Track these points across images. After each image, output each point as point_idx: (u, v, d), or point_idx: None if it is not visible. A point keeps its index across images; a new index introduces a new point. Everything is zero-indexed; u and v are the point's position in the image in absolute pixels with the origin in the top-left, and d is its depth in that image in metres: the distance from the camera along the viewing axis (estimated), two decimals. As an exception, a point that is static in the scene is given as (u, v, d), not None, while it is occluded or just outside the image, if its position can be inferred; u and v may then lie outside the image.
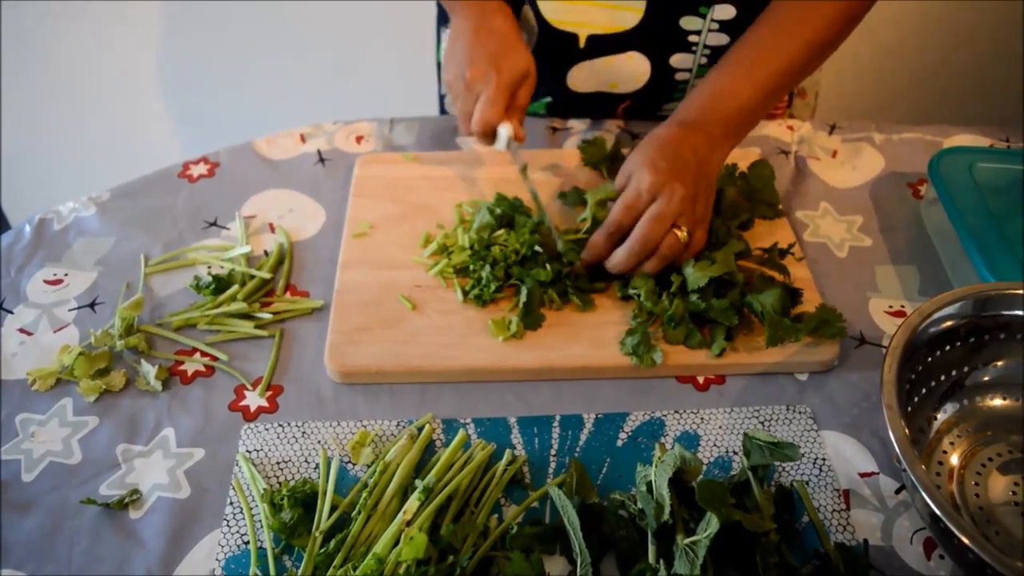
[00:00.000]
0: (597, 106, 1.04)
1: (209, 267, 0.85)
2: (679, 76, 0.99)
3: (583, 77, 1.01)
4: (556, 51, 0.98)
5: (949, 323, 0.70)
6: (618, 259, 0.78)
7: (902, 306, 0.84)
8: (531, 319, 0.78)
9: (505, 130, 0.81)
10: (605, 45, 0.96)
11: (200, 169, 0.97)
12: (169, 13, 1.73)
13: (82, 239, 0.88)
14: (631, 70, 0.98)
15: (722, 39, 0.94)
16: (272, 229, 0.90)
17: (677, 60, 0.97)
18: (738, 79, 0.82)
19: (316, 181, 0.96)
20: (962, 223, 0.83)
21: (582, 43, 0.96)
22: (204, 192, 0.94)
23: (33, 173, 1.97)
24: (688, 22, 0.93)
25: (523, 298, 0.77)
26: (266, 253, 0.87)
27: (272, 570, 0.62)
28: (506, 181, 0.93)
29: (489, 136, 0.82)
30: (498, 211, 0.85)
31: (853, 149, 1.03)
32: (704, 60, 0.97)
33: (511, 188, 0.91)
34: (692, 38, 0.95)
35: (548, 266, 0.79)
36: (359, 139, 1.01)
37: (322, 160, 0.99)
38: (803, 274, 0.84)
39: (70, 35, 1.73)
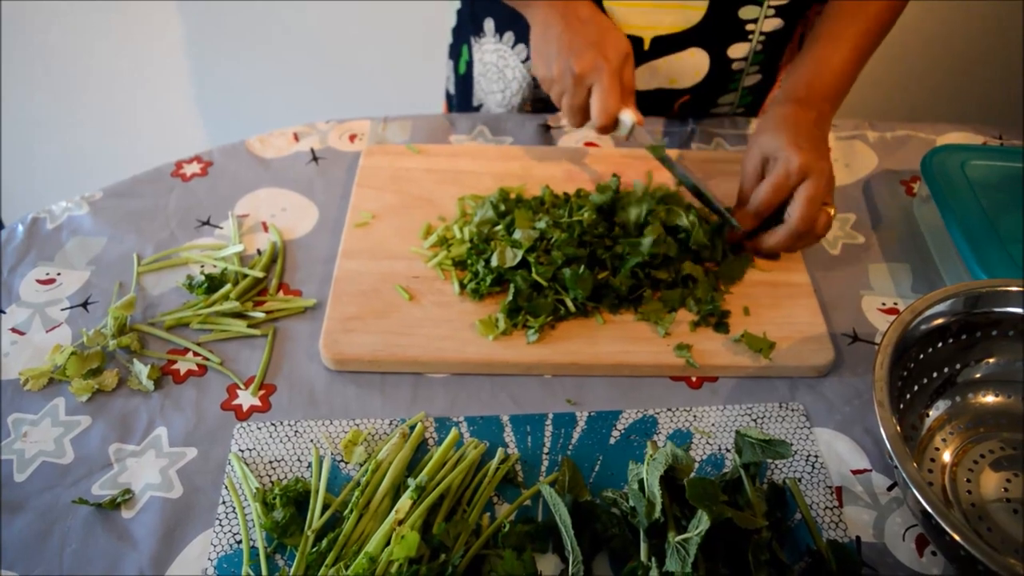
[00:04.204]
0: (656, 104, 1.05)
1: (202, 266, 0.85)
2: (735, 66, 1.00)
3: (644, 77, 1.01)
4: None
5: (941, 320, 0.70)
6: (777, 240, 0.81)
7: (895, 303, 0.84)
8: (520, 317, 0.77)
9: (628, 117, 0.83)
10: (669, 45, 0.97)
11: (193, 168, 0.96)
12: (163, 13, 1.73)
13: (75, 238, 0.88)
14: (692, 66, 0.99)
15: (776, 23, 0.96)
16: (265, 228, 0.89)
17: (734, 50, 0.98)
18: (831, 48, 0.86)
19: (309, 180, 0.96)
20: (954, 220, 0.83)
21: (647, 45, 0.96)
22: (197, 191, 0.94)
23: (26, 172, 1.96)
24: (747, 12, 0.94)
25: (510, 295, 0.77)
26: (259, 252, 0.86)
27: (264, 569, 0.62)
28: (509, 176, 0.93)
29: (611, 126, 0.83)
30: (501, 207, 0.86)
31: (847, 147, 1.03)
32: (759, 47, 0.98)
33: (514, 183, 0.92)
34: (749, 27, 0.96)
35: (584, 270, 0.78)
36: (352, 138, 1.01)
37: (315, 159, 0.98)
38: (803, 279, 0.84)
39: (63, 34, 1.73)
